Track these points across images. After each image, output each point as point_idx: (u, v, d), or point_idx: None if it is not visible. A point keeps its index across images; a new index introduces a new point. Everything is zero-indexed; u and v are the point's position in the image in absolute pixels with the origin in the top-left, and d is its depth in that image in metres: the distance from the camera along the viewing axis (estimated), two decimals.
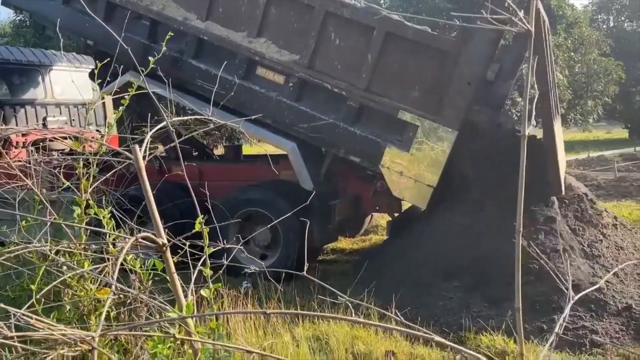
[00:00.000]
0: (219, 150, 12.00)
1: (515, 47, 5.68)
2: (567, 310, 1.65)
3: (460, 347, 1.21)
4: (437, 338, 1.18)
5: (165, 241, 2.07)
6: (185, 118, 2.33)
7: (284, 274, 3.11)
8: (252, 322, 3.73)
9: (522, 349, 1.13)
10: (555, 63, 17.55)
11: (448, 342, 1.23)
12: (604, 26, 30.98)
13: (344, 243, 8.09)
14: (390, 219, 6.65)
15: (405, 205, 6.57)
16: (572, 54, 19.64)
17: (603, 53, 21.62)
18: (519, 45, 5.72)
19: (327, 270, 6.50)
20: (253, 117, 4.26)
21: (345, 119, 5.74)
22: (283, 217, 3.42)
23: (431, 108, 5.31)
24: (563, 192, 5.13)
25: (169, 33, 4.20)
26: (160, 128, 2.27)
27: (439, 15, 15.95)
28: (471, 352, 1.15)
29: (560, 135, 5.86)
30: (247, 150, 9.65)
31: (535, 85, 1.38)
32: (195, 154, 7.79)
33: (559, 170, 5.00)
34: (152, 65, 3.15)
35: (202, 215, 2.13)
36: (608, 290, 4.23)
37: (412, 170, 5.38)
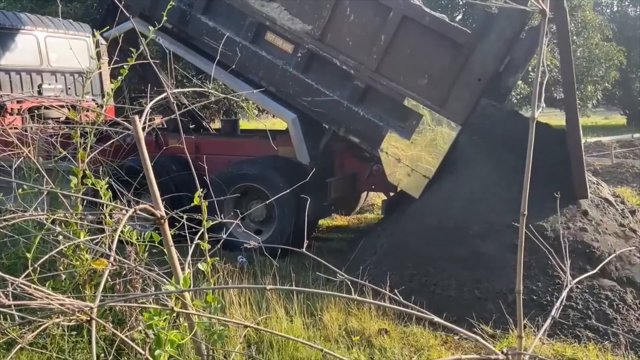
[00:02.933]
0: (216, 124, 11.94)
1: (527, 41, 5.60)
2: (564, 293, 1.66)
3: (455, 327, 1.21)
4: (435, 318, 1.18)
5: (164, 214, 2.06)
6: (185, 90, 2.29)
7: (280, 250, 3.11)
8: (246, 296, 3.75)
9: (520, 332, 1.13)
10: (556, 46, 17.46)
11: (443, 321, 1.23)
12: (608, 10, 30.74)
13: (339, 220, 8.11)
14: (385, 197, 6.67)
15: None
16: (575, 37, 19.48)
17: (605, 38, 21.46)
18: (530, 39, 5.65)
19: (321, 247, 6.52)
20: (258, 90, 4.19)
21: (350, 97, 5.68)
22: (280, 194, 3.39)
23: (438, 99, 5.25)
24: (589, 196, 4.88)
25: None
26: (162, 99, 2.24)
27: None
28: (466, 332, 1.15)
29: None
30: (245, 125, 9.61)
31: (545, 68, 1.36)
32: (192, 126, 7.75)
33: (584, 171, 4.78)
34: (163, 15, 3.02)
35: (201, 189, 2.11)
36: None
37: (410, 158, 5.36)
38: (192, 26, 6.38)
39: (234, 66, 4.67)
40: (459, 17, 20.42)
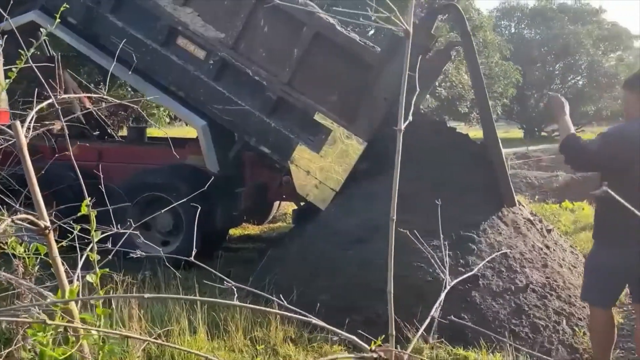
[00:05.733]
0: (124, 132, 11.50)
1: (434, 61, 5.90)
2: (442, 296, 1.76)
3: (337, 330, 1.26)
4: (314, 320, 1.22)
5: (49, 223, 1.96)
6: (76, 96, 2.20)
7: (183, 261, 3.05)
8: (148, 309, 3.64)
9: (392, 329, 1.20)
10: (461, 64, 18.55)
11: (326, 325, 1.28)
12: (506, 32, 32.99)
13: (251, 230, 8.08)
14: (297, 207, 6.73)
15: None
16: (477, 56, 20.75)
17: (504, 57, 23.03)
18: (438, 59, 5.96)
19: (232, 257, 6.47)
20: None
21: (262, 108, 5.69)
22: (181, 202, 3.34)
23: (346, 116, 5.39)
24: (516, 204, 5.18)
25: None
26: (50, 105, 2.14)
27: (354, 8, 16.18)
28: (342, 332, 1.21)
29: None
30: (155, 132, 9.32)
31: (417, 84, 1.46)
32: (96, 133, 7.43)
33: (509, 180, 5.08)
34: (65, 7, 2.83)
35: (90, 198, 2.03)
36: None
37: (319, 171, 5.46)
38: (99, 25, 6.12)
39: (133, 68, 4.53)
40: (372, 32, 21.11)
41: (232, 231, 7.58)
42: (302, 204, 6.59)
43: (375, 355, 1.23)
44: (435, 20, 5.61)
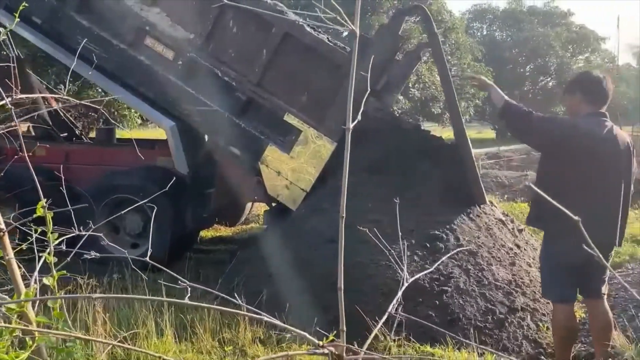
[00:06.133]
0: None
1: (403, 63, 5.95)
2: (399, 293, 1.79)
3: (289, 327, 1.28)
4: (265, 317, 1.23)
5: (3, 226, 1.93)
6: (34, 96, 2.17)
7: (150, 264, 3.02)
8: (113, 312, 3.60)
9: (342, 325, 1.22)
10: (434, 65, 18.78)
11: (278, 322, 1.29)
12: (478, 34, 33.51)
13: (223, 231, 8.04)
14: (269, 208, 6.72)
15: None
16: (449, 57, 21.03)
17: (476, 59, 23.40)
18: (407, 62, 6.02)
19: (204, 259, 6.42)
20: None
21: (232, 109, 5.67)
22: (150, 204, 3.30)
23: (316, 116, 5.42)
24: (486, 202, 5.30)
25: None
26: (16, 105, 2.10)
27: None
28: (295, 329, 1.22)
29: None
30: (125, 134, 9.21)
31: (369, 83, 1.49)
32: (64, 135, 7.31)
33: (479, 178, 5.17)
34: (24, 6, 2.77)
35: (46, 199, 2.00)
36: None
37: (289, 172, 5.47)
38: (65, 24, 6.02)
39: (101, 69, 4.48)
40: (345, 33, 21.22)
41: (204, 233, 7.53)
42: (274, 204, 6.59)
43: (326, 351, 1.25)
44: (402, 21, 5.68)
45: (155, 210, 2.84)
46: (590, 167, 3.32)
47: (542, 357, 4.01)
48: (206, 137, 6.46)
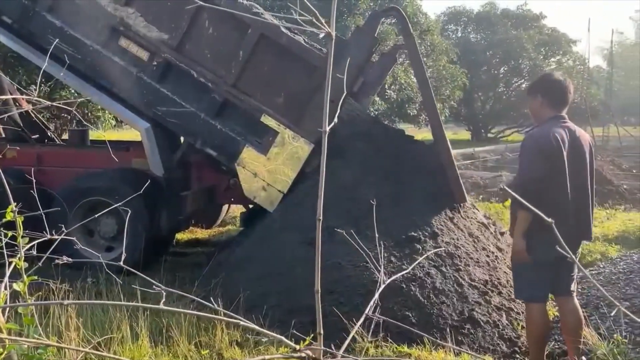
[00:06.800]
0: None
1: (379, 64, 5.97)
2: (376, 295, 1.80)
3: (265, 331, 1.27)
4: (242, 322, 1.22)
5: None
6: (5, 97, 2.12)
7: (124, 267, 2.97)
8: (87, 317, 3.54)
9: (319, 328, 1.21)
10: (410, 66, 18.93)
11: (255, 326, 1.28)
12: (453, 36, 33.84)
13: (199, 234, 7.96)
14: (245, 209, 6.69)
15: None
16: (425, 59, 21.23)
17: (451, 60, 23.63)
18: (382, 63, 6.05)
19: (180, 261, 6.36)
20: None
21: (208, 110, 5.62)
22: (124, 206, 3.25)
23: (293, 118, 5.41)
24: (467, 200, 5.34)
25: None
26: None
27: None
28: (271, 333, 1.21)
29: None
30: (99, 136, 9.05)
31: (344, 86, 1.49)
32: (35, 136, 7.15)
33: (459, 177, 5.21)
34: None
35: (16, 203, 1.96)
36: None
37: (266, 173, 5.45)
38: (36, 24, 5.90)
39: (75, 69, 4.40)
40: (322, 35, 21.26)
41: (180, 235, 7.45)
42: (250, 206, 6.55)
43: (303, 355, 1.24)
44: (378, 23, 5.71)
45: (129, 213, 2.81)
46: (571, 170, 3.43)
47: (517, 356, 4.06)
48: (182, 138, 6.40)
